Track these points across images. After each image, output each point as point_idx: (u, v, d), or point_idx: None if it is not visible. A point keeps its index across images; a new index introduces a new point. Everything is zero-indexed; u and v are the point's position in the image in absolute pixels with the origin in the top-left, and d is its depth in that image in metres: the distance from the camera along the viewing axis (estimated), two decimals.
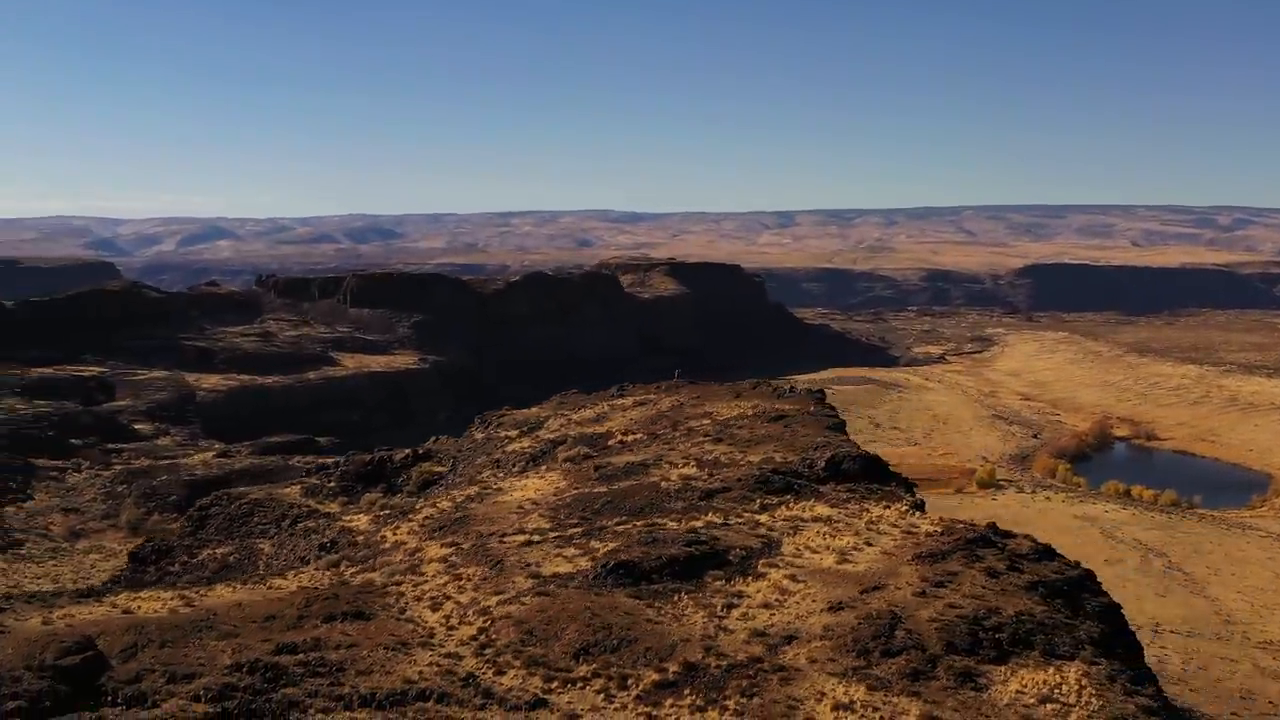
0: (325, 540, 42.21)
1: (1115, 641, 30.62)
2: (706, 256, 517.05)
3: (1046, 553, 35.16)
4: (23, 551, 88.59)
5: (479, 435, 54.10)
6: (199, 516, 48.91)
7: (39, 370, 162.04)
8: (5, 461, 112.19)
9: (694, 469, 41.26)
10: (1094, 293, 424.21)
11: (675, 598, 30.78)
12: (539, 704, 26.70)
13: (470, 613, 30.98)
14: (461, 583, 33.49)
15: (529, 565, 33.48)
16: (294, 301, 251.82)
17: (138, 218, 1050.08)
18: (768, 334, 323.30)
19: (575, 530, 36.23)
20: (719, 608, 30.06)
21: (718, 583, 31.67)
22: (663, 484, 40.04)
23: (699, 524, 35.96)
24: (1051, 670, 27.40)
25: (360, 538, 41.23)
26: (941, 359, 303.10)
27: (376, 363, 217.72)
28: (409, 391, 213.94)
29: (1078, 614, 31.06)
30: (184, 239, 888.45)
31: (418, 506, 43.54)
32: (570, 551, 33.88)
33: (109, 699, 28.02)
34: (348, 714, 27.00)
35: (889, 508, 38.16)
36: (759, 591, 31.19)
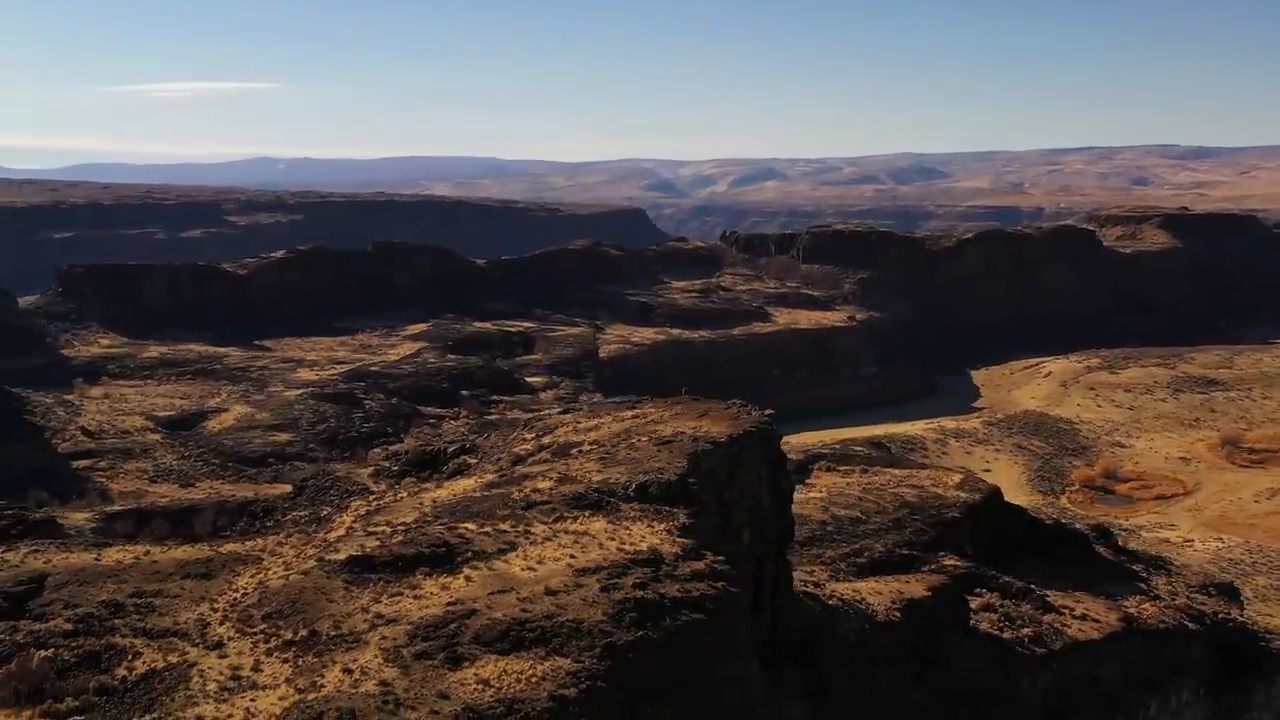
0: (325, 514, 59.08)
1: (667, 646, 40.22)
2: (1271, 198, 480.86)
3: (708, 574, 44.36)
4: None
5: (513, 434, 68.48)
6: (300, 486, 67.46)
7: (479, 325, 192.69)
8: (396, 409, 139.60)
9: (550, 484, 53.59)
10: None
11: (370, 585, 44.51)
12: (218, 645, 42.00)
13: (255, 582, 46.61)
14: (291, 559, 49.08)
15: (333, 550, 48.36)
16: (751, 257, 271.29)
17: (698, 159, 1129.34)
18: (1277, 293, 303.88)
19: (414, 528, 50.42)
20: (384, 595, 43.54)
21: (417, 576, 44.95)
22: (515, 495, 52.97)
23: (486, 529, 48.99)
24: (530, 663, 38.47)
25: (336, 515, 57.66)
26: None
27: (807, 319, 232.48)
28: (834, 348, 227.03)
29: (642, 626, 40.96)
30: (735, 180, 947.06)
31: (384, 495, 59.38)
32: (369, 543, 48.31)
33: (26, 615, 46.47)
34: (130, 639, 43.61)
35: (651, 527, 48.89)
36: (430, 586, 44.16)
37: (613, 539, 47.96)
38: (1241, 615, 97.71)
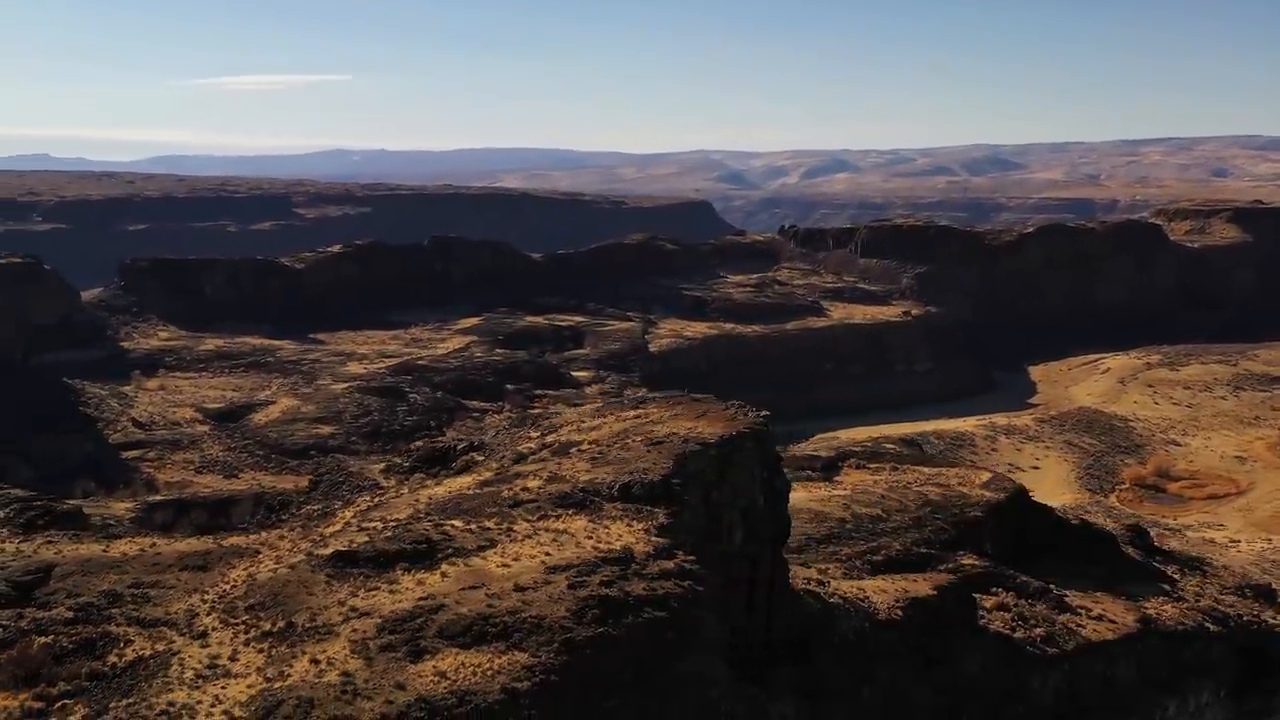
0: (329, 509, 61.26)
1: (627, 642, 41.78)
2: None
3: (675, 573, 45.74)
4: None
5: (519, 432, 70.27)
6: (316, 480, 69.79)
7: (530, 319, 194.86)
8: (440, 402, 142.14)
9: (539, 482, 55.31)
10: None
11: (350, 579, 46.48)
12: (202, 635, 44.20)
13: (246, 574, 48.80)
14: (284, 553, 51.24)
15: (323, 545, 50.45)
16: (810, 251, 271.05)
17: (770, 150, 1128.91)
18: None
19: (404, 524, 52.39)
20: (362, 589, 45.49)
21: (396, 572, 46.86)
22: (504, 493, 54.75)
23: (470, 527, 50.82)
24: (488, 657, 40.20)
25: (340, 510, 59.82)
26: None
27: (862, 314, 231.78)
28: (889, 344, 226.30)
29: (603, 623, 42.52)
30: (807, 171, 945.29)
31: (389, 491, 61.43)
32: (359, 539, 50.35)
33: (32, 603, 49.05)
34: (123, 628, 46.00)
35: (629, 526, 50.43)
36: (407, 581, 46.03)
37: (590, 537, 49.54)
38: (1276, 618, 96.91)
